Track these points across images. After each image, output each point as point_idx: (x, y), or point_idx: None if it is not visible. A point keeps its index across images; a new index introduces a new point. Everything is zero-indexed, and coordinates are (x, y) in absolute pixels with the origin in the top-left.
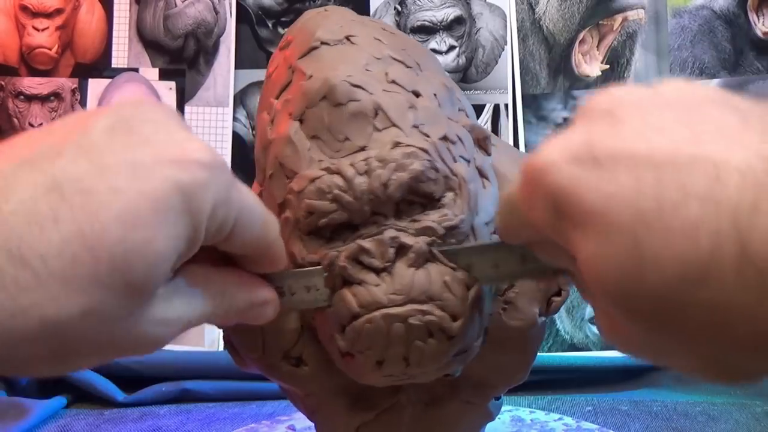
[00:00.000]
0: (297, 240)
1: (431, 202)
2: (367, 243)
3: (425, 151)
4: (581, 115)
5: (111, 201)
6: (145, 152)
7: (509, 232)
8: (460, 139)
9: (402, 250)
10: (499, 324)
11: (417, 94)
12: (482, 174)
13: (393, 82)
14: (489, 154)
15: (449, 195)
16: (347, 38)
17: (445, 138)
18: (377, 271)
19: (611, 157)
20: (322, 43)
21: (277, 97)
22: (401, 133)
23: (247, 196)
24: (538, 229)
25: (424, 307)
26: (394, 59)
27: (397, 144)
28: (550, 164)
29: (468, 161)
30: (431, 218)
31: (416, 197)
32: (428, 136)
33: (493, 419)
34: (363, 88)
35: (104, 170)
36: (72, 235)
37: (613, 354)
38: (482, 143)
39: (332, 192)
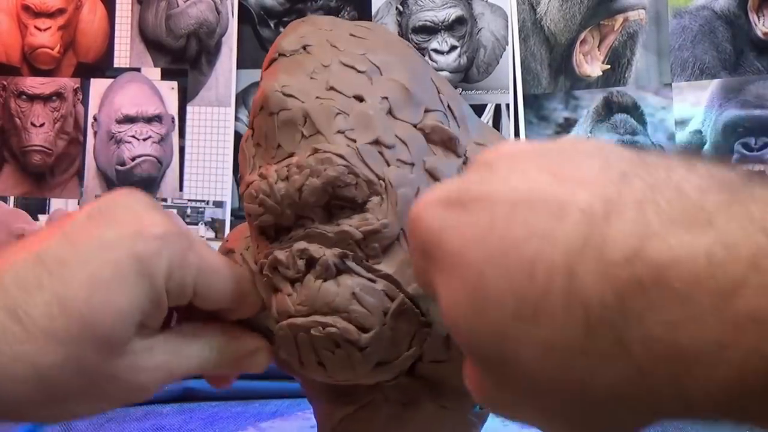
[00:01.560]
0: (254, 239)
1: (357, 206)
2: (280, 254)
3: (341, 156)
4: (467, 168)
5: (80, 269)
6: (112, 229)
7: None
8: (402, 141)
9: (311, 261)
10: None
11: (359, 99)
12: (434, 176)
13: (331, 88)
14: (459, 156)
15: (375, 199)
16: (303, 48)
17: (376, 142)
18: (292, 282)
19: (475, 200)
20: (280, 54)
21: None
22: (323, 139)
23: (207, 257)
24: (420, 279)
25: (327, 319)
26: (345, 65)
27: (315, 150)
28: (423, 208)
29: (411, 164)
30: (350, 222)
31: (343, 201)
32: (354, 141)
33: (477, 430)
34: (295, 97)
35: (78, 246)
36: (51, 297)
37: None
38: (448, 144)
39: (258, 196)
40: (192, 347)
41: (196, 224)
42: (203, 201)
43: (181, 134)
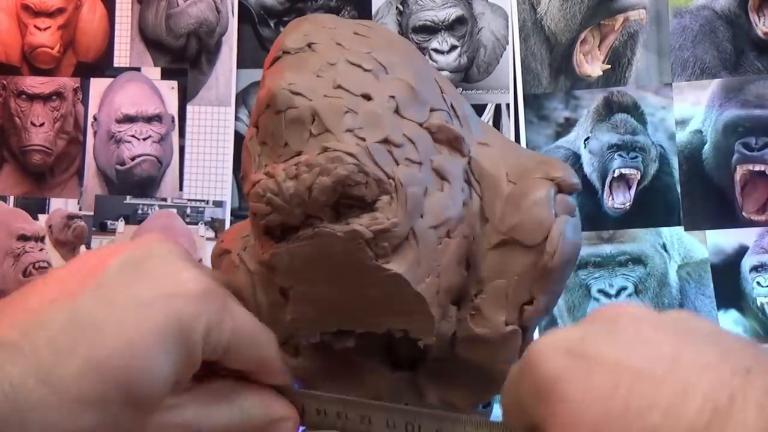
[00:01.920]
0: (257, 239)
1: (366, 205)
2: None
3: (351, 155)
4: (587, 318)
5: (117, 332)
6: (148, 287)
7: (509, 414)
8: (410, 140)
9: None
10: (466, 330)
11: (367, 97)
12: (441, 176)
13: (339, 87)
14: (464, 155)
15: (384, 198)
16: (308, 46)
17: (385, 141)
18: None
19: (597, 357)
20: (284, 52)
21: None
22: (332, 137)
23: (239, 317)
24: (523, 412)
25: None
26: (351, 63)
27: (325, 149)
28: (544, 351)
29: (419, 163)
30: (360, 221)
31: (352, 200)
32: (363, 140)
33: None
34: (303, 95)
35: (113, 305)
36: (86, 363)
37: None
38: (454, 144)
39: (266, 195)
40: (221, 408)
41: (196, 224)
42: (203, 201)
43: (181, 134)
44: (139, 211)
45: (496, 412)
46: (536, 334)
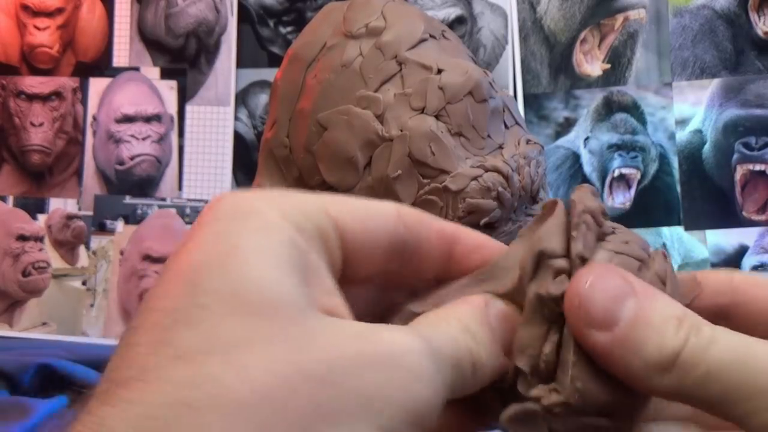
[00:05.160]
0: None
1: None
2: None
3: (542, 147)
4: None
5: None
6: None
7: None
8: None
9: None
10: None
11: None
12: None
13: (491, 81)
14: None
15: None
16: (442, 34)
17: None
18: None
19: None
20: (431, 36)
21: (377, 90)
22: (522, 130)
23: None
24: None
25: None
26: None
27: (527, 141)
28: None
29: None
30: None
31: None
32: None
33: None
34: (493, 86)
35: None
36: None
37: None
38: None
39: (496, 190)
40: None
41: None
42: (202, 200)
43: (181, 133)
44: (138, 211)
45: None
46: None
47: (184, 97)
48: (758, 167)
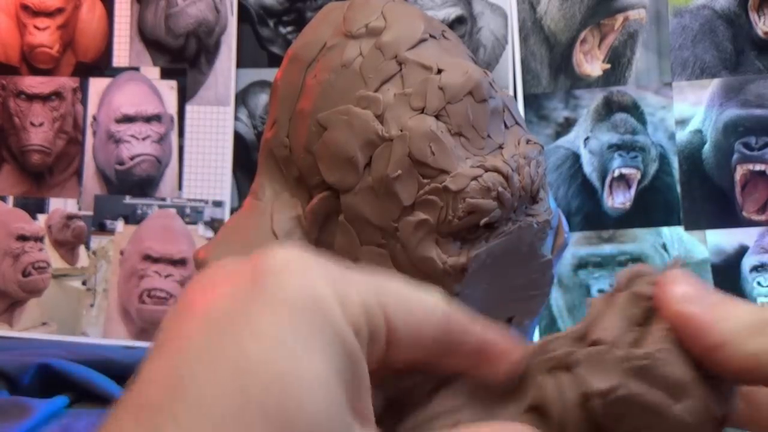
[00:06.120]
0: (431, 243)
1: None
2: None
3: (542, 147)
4: None
5: None
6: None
7: None
8: None
9: None
10: None
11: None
12: None
13: (492, 81)
14: None
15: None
16: (442, 34)
17: None
18: None
19: None
20: (431, 36)
21: (377, 90)
22: (522, 130)
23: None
24: None
25: None
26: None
27: (528, 141)
28: None
29: None
30: (536, 212)
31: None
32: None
33: None
34: (492, 86)
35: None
36: None
37: None
38: None
39: (497, 190)
40: None
41: (195, 224)
42: (202, 200)
43: (180, 133)
44: (138, 211)
45: None
46: (536, 334)
47: (184, 97)
48: (758, 167)
